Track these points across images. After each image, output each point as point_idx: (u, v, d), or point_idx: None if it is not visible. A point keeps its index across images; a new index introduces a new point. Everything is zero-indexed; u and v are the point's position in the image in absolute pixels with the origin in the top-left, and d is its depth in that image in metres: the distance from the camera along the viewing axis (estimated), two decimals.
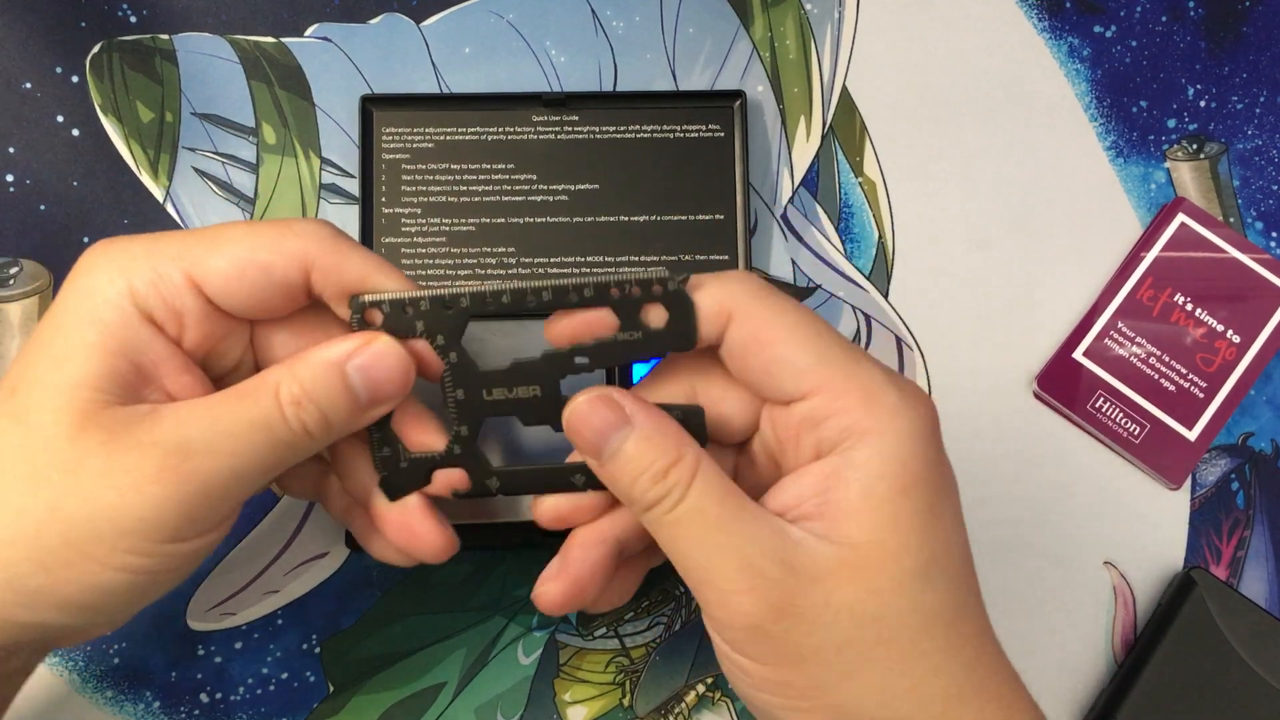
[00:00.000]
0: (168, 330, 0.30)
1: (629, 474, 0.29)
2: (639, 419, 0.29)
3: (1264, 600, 0.42)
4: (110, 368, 0.28)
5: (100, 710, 0.40)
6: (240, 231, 0.30)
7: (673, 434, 0.29)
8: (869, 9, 0.47)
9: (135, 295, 0.29)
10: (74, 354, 0.28)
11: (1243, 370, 0.43)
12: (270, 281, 0.30)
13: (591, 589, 0.31)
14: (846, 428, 0.28)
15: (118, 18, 0.45)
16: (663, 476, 0.28)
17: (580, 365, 0.31)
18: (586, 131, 0.43)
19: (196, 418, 0.28)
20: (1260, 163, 0.46)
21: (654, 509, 0.29)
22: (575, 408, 0.29)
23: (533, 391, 0.31)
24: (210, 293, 0.29)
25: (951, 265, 0.45)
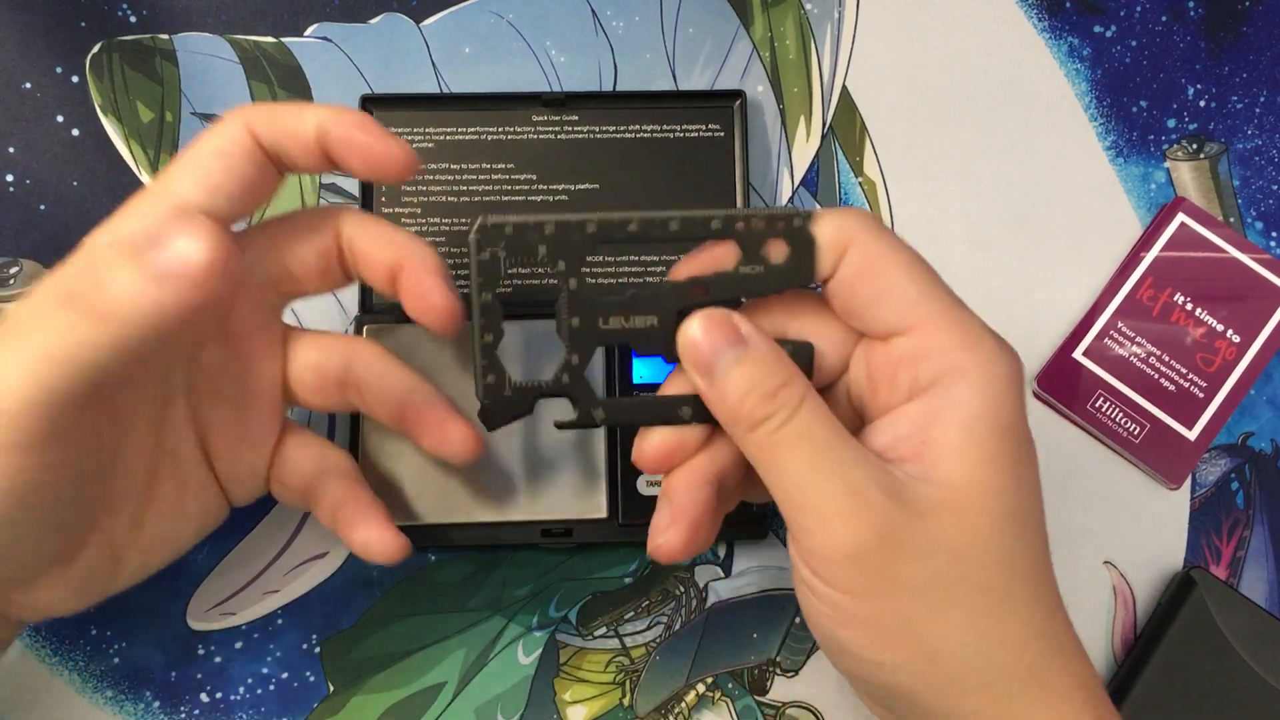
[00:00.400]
0: None
1: (739, 390, 0.29)
2: (754, 340, 0.29)
3: (1264, 600, 0.42)
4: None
5: (100, 710, 0.40)
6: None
7: (785, 360, 0.29)
8: (869, 9, 0.47)
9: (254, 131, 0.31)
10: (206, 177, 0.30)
11: (1243, 370, 0.43)
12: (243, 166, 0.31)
13: (705, 530, 0.31)
14: (947, 366, 0.28)
15: (118, 18, 0.45)
16: (773, 396, 0.28)
17: (698, 297, 0.31)
18: (586, 131, 0.43)
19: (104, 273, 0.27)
20: (1260, 163, 0.46)
21: (761, 426, 0.28)
22: (691, 325, 0.29)
23: (649, 322, 0.31)
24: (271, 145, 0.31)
25: (951, 265, 0.44)
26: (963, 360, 0.28)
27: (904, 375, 0.29)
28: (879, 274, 0.29)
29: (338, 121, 0.31)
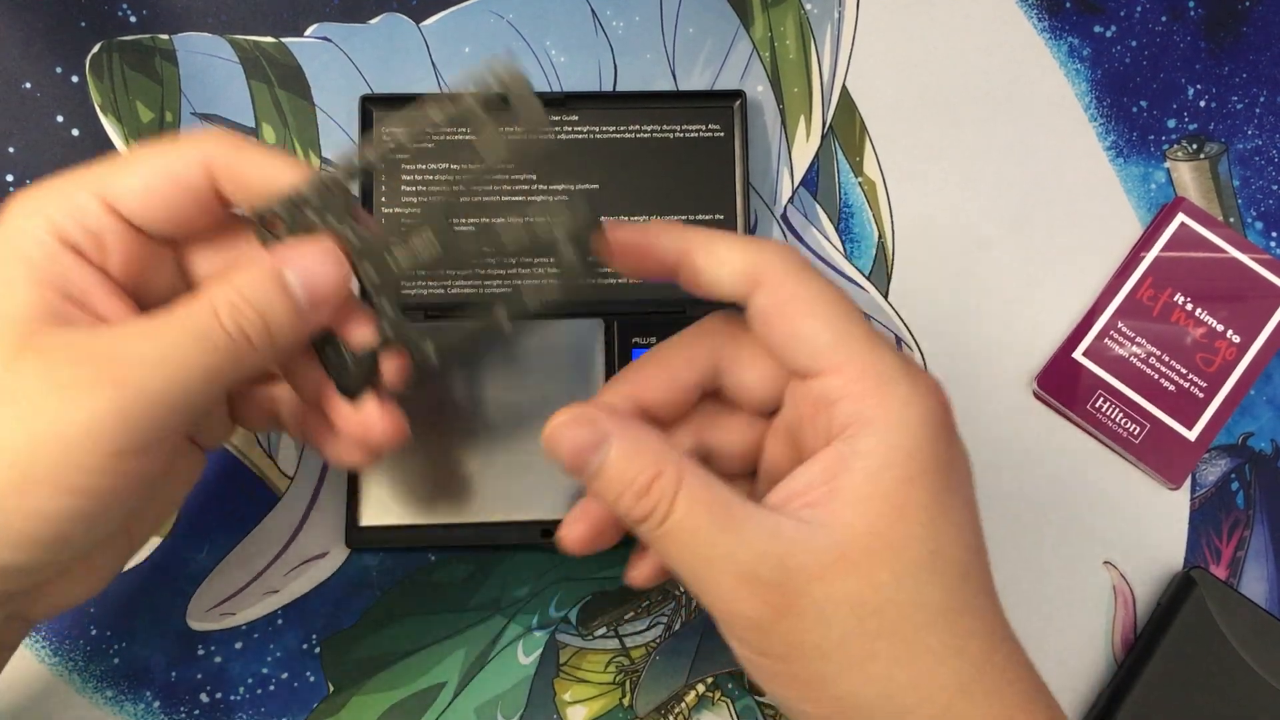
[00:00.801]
0: (92, 257, 0.30)
1: (613, 491, 0.29)
2: (614, 436, 0.29)
3: (1264, 600, 0.42)
4: (40, 298, 0.28)
5: (100, 710, 0.40)
6: (143, 149, 0.30)
7: (652, 448, 0.29)
8: (869, 9, 0.47)
9: (55, 227, 0.29)
10: (2, 292, 0.28)
11: (1243, 370, 0.43)
12: (179, 191, 0.30)
13: (609, 532, 0.32)
14: (855, 413, 0.28)
15: (118, 18, 0.45)
16: (645, 492, 0.28)
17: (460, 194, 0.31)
18: (586, 131, 0.43)
19: (132, 332, 0.28)
20: (1260, 163, 0.46)
21: (644, 525, 0.29)
22: (551, 430, 0.30)
23: (428, 242, 0.31)
24: (126, 212, 0.30)
25: (951, 265, 0.45)
26: (872, 408, 0.28)
27: (820, 418, 0.29)
28: (789, 316, 0.29)
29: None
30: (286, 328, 0.30)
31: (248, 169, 0.30)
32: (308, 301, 0.30)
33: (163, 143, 0.30)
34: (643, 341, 0.41)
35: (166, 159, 0.30)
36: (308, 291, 0.30)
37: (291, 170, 0.31)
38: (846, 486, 0.27)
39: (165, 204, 0.30)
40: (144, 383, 0.27)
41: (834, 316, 0.29)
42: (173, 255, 0.32)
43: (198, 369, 0.28)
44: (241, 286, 0.29)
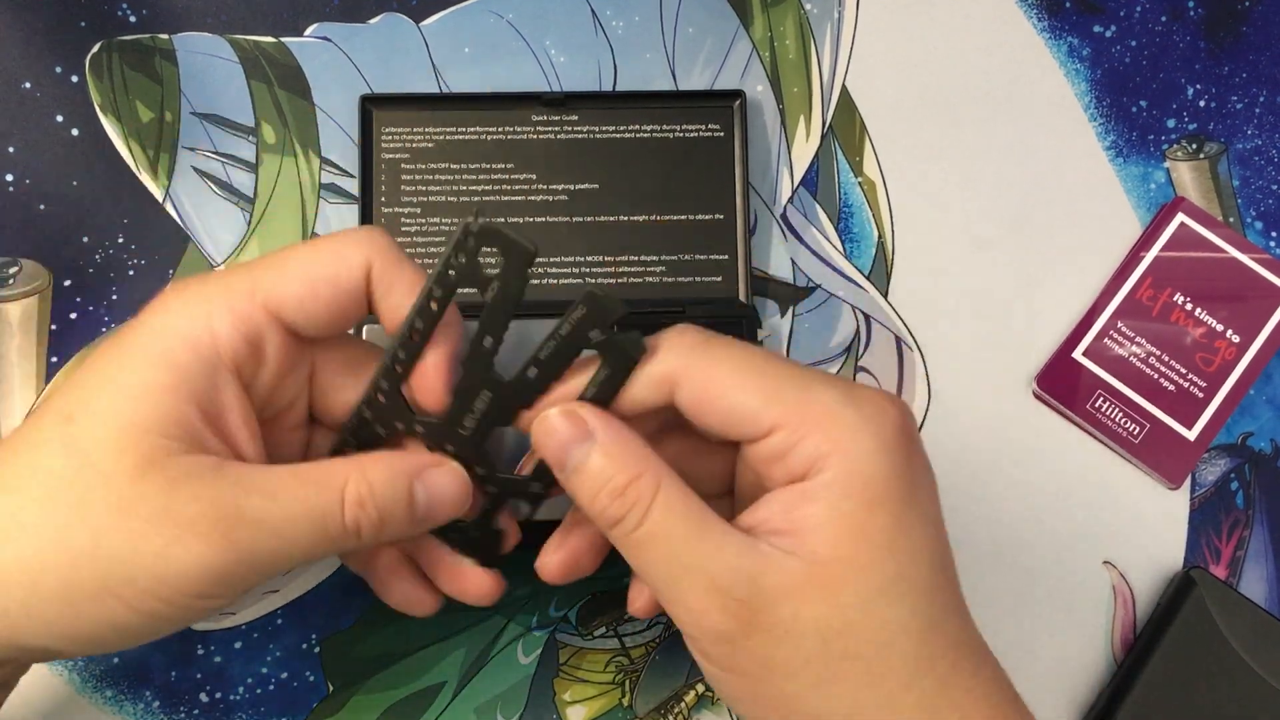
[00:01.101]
0: (245, 370, 0.30)
1: (590, 489, 0.29)
2: (600, 433, 0.29)
3: (1264, 600, 0.42)
4: (180, 414, 0.28)
5: (100, 710, 0.40)
6: (304, 251, 0.30)
7: (635, 451, 0.29)
8: (869, 9, 0.47)
9: (216, 337, 0.29)
10: (144, 394, 0.28)
11: (1242, 370, 0.43)
12: (340, 293, 0.30)
13: (588, 560, 0.33)
14: (810, 454, 0.28)
15: (117, 17, 0.45)
16: (621, 493, 0.28)
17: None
18: (586, 131, 0.43)
19: (259, 487, 0.28)
20: (1260, 163, 0.46)
21: (617, 527, 0.29)
22: (539, 421, 0.30)
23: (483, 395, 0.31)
24: (288, 317, 0.30)
25: (951, 265, 0.45)
26: (823, 446, 0.28)
27: (777, 470, 0.29)
28: (714, 397, 0.29)
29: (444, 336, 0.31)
30: (397, 531, 0.30)
31: (402, 283, 0.30)
32: (425, 516, 0.31)
33: (323, 244, 0.30)
34: None
35: (330, 263, 0.30)
36: (429, 506, 0.30)
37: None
38: (810, 516, 0.28)
39: (326, 306, 0.30)
40: (253, 547, 0.28)
41: (753, 378, 0.29)
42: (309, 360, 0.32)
43: (305, 546, 0.29)
44: (375, 480, 0.29)
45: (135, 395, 0.28)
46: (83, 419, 0.28)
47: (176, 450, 0.28)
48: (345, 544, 0.30)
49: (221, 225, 0.44)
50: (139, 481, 0.27)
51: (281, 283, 0.30)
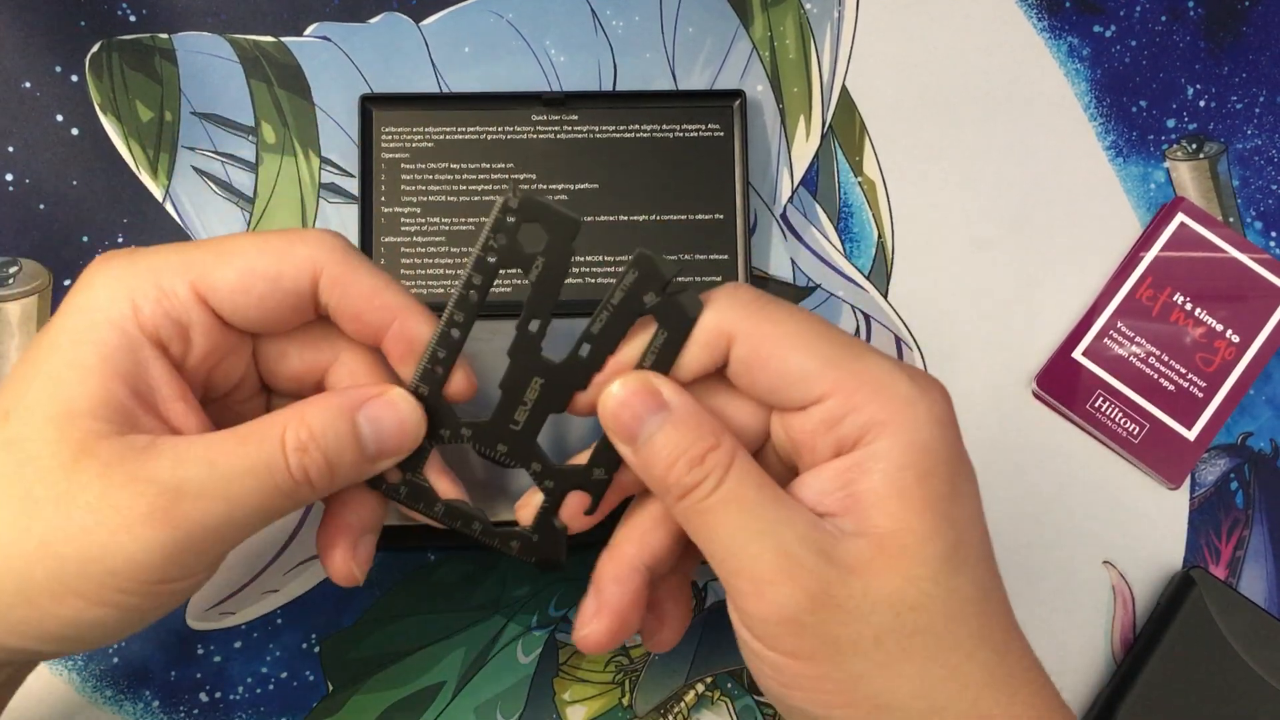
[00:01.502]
0: (172, 349, 0.29)
1: (666, 458, 0.28)
2: (676, 403, 0.29)
3: (1263, 600, 0.42)
4: (107, 393, 0.27)
5: (100, 710, 0.40)
6: (248, 241, 0.29)
7: (709, 420, 0.29)
8: (869, 9, 0.47)
9: (139, 314, 0.28)
10: (70, 376, 0.27)
11: (1242, 370, 0.43)
12: (278, 292, 0.29)
13: (632, 618, 0.31)
14: (864, 423, 0.28)
15: (117, 17, 0.45)
16: (700, 461, 0.28)
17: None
18: (586, 131, 0.43)
19: (195, 457, 0.27)
20: (1260, 163, 0.46)
21: (690, 495, 0.28)
22: (611, 393, 0.29)
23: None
24: (217, 305, 0.29)
25: (951, 265, 0.45)
26: (879, 414, 0.28)
27: (825, 439, 0.28)
28: (770, 357, 0.28)
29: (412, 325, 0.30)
30: (350, 472, 0.29)
31: (356, 287, 0.29)
32: (375, 449, 0.29)
33: (272, 238, 0.29)
34: None
35: (273, 258, 0.29)
36: (379, 441, 0.29)
37: (399, 297, 0.30)
38: (868, 490, 0.27)
39: (260, 302, 0.29)
40: (201, 518, 0.27)
41: (811, 341, 0.28)
42: (249, 343, 0.31)
43: (255, 505, 0.28)
44: (313, 424, 0.28)
45: (62, 379, 0.27)
46: (17, 414, 0.27)
47: (109, 432, 0.27)
48: (300, 495, 0.28)
49: (221, 225, 0.44)
50: (75, 472, 0.26)
51: (216, 269, 0.28)
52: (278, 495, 0.28)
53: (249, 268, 0.29)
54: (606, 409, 0.29)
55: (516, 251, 0.29)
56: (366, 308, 0.29)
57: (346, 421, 0.29)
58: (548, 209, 0.28)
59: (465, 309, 0.29)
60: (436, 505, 0.31)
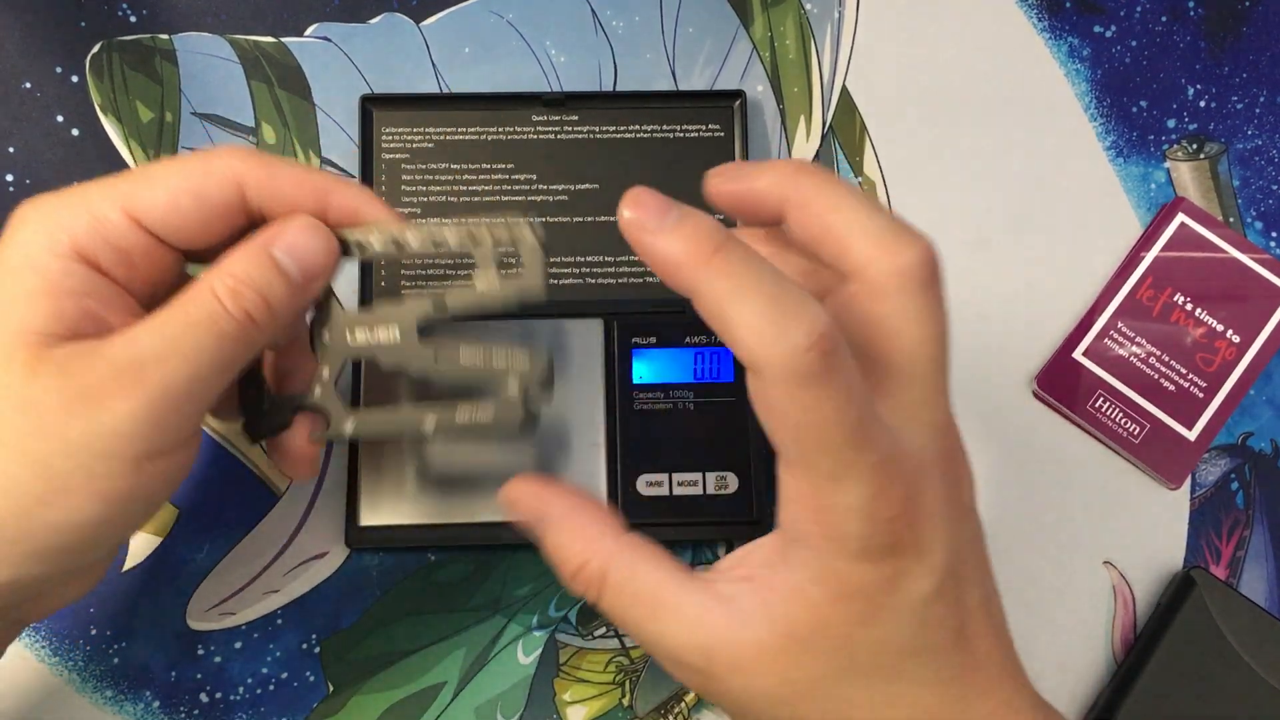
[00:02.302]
0: (116, 273, 0.30)
1: (552, 562, 0.30)
2: (550, 521, 0.31)
3: (1264, 600, 0.42)
4: (57, 309, 0.28)
5: (100, 710, 0.40)
6: (169, 163, 0.31)
7: (582, 538, 0.30)
8: (869, 9, 0.47)
9: (76, 243, 0.29)
10: (15, 303, 0.28)
11: (1242, 370, 0.43)
12: (207, 205, 0.30)
13: None
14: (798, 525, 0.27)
15: (117, 17, 0.45)
16: (574, 577, 0.30)
17: (440, 308, 0.32)
18: (586, 131, 0.43)
19: (144, 332, 0.28)
20: (1260, 163, 0.46)
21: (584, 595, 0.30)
22: (508, 490, 0.31)
23: (391, 334, 0.32)
24: (150, 224, 0.30)
25: (951, 265, 0.44)
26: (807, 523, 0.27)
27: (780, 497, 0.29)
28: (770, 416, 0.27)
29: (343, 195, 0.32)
30: (285, 302, 0.30)
31: (280, 181, 0.31)
32: (301, 276, 0.31)
33: (190, 158, 0.31)
34: (643, 341, 0.41)
35: (195, 175, 0.30)
36: (300, 266, 0.31)
37: (319, 177, 0.31)
38: (779, 586, 0.28)
39: (192, 220, 0.30)
40: (165, 379, 0.28)
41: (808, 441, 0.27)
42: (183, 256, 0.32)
43: (212, 355, 0.29)
44: (237, 270, 0.30)
45: (7, 308, 0.28)
46: None
47: (61, 341, 0.28)
48: (250, 336, 0.30)
49: None
50: (34, 379, 0.27)
51: (145, 193, 0.30)
52: (228, 340, 0.29)
53: (174, 185, 0.30)
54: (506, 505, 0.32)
55: None
56: (297, 197, 0.31)
57: (264, 257, 0.30)
58: None
59: None
60: None
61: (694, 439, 0.41)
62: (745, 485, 0.40)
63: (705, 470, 0.40)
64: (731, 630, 0.28)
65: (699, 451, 0.41)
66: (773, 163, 0.30)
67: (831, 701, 0.28)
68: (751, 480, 0.40)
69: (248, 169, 0.31)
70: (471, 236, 0.32)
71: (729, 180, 0.31)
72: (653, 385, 0.41)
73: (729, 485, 0.40)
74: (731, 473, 0.40)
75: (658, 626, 0.29)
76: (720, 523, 0.40)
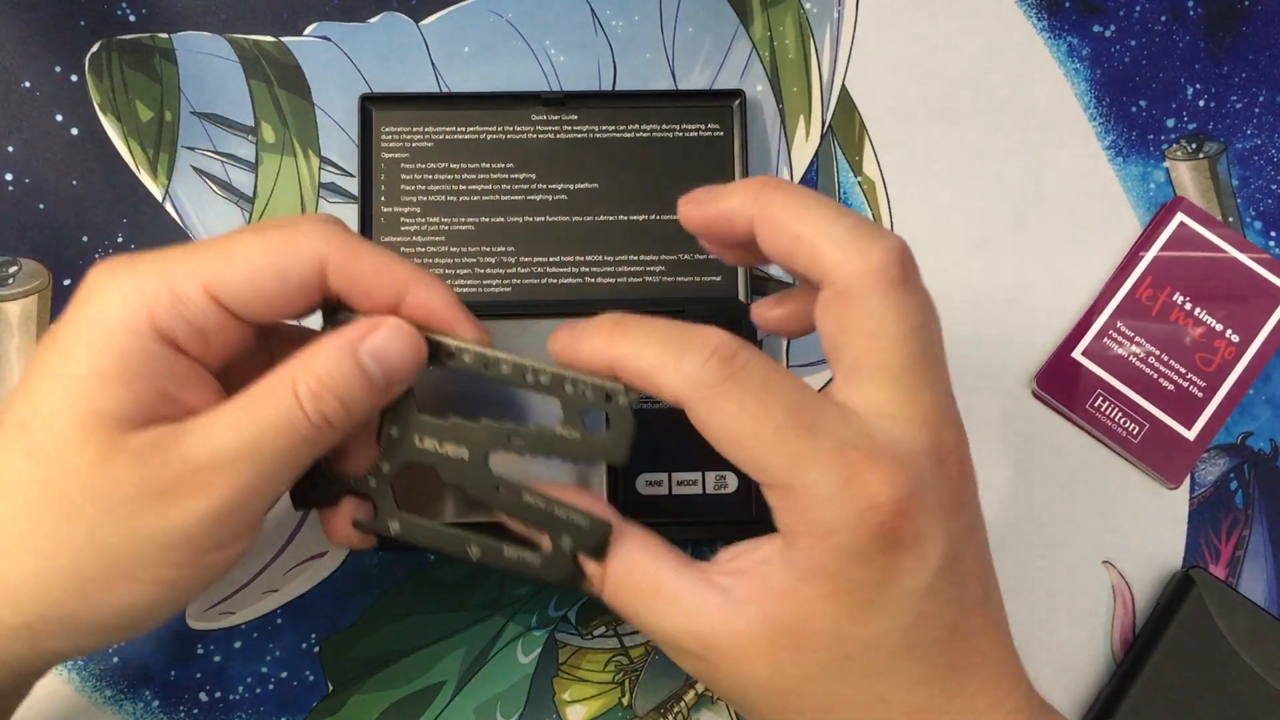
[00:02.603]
0: (192, 350, 0.29)
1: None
2: None
3: (1263, 600, 0.42)
4: (134, 394, 0.28)
5: (100, 710, 0.40)
6: (251, 239, 0.30)
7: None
8: (869, 8, 0.47)
9: (155, 319, 0.28)
10: (91, 384, 0.28)
11: (1242, 370, 0.43)
12: (287, 286, 0.29)
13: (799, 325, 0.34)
14: (787, 525, 0.28)
15: (117, 17, 0.45)
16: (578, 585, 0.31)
17: (515, 445, 0.31)
18: (586, 131, 0.43)
19: (220, 429, 0.28)
20: (1259, 162, 0.46)
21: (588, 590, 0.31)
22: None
23: (460, 454, 0.31)
24: (229, 303, 0.29)
25: (951, 265, 0.45)
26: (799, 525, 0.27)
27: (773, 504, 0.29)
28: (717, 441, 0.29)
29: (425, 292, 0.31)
30: (365, 407, 0.30)
31: (363, 267, 0.30)
32: (385, 381, 0.30)
33: (274, 233, 0.30)
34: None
35: (280, 254, 0.29)
36: (385, 372, 0.30)
37: (404, 269, 0.31)
38: (772, 580, 0.28)
39: (271, 297, 0.29)
40: (238, 482, 0.28)
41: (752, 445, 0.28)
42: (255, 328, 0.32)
43: (286, 458, 0.29)
44: (320, 371, 0.29)
45: (83, 389, 0.28)
46: (36, 424, 0.28)
47: (135, 427, 0.28)
48: (324, 438, 0.29)
49: (221, 225, 0.44)
50: (109, 466, 0.27)
51: (226, 270, 0.29)
52: (304, 444, 0.29)
53: (259, 265, 0.29)
54: None
55: None
56: (376, 286, 0.30)
57: (351, 360, 0.29)
58: None
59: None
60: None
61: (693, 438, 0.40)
62: (744, 485, 0.40)
63: (704, 470, 0.40)
64: (725, 620, 0.28)
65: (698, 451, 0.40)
66: (739, 183, 0.31)
67: (823, 697, 0.28)
68: (750, 480, 0.40)
69: (332, 250, 0.30)
70: (562, 384, 0.30)
71: (698, 205, 0.31)
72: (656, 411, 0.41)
73: (728, 484, 0.40)
74: (730, 472, 0.40)
75: (657, 615, 0.29)
76: (719, 522, 0.40)
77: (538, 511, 0.31)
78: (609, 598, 0.30)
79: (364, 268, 0.30)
